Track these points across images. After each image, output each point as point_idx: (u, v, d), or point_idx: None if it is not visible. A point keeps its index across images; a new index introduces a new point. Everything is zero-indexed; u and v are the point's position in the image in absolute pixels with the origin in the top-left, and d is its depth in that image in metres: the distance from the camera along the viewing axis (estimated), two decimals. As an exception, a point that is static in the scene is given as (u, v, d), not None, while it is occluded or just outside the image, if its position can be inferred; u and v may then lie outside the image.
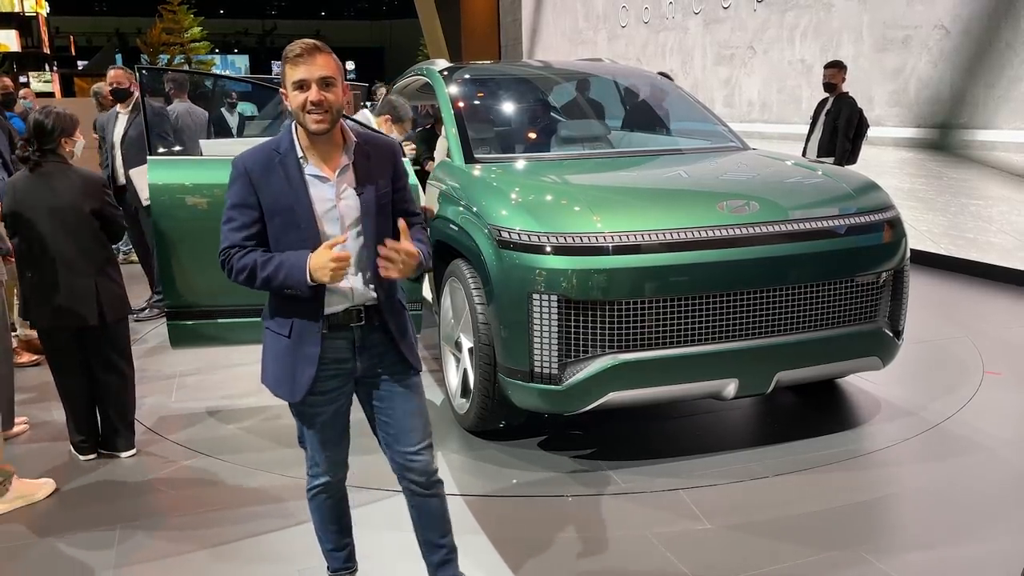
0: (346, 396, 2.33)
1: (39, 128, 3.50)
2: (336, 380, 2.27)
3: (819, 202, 3.67)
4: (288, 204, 2.14)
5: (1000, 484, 3.33)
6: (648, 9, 12.05)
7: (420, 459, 2.31)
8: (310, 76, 2.08)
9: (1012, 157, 6.58)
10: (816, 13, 8.57)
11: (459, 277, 3.73)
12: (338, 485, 2.45)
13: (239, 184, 2.19)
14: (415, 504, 2.38)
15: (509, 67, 6.49)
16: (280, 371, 2.25)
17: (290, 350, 2.22)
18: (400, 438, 2.30)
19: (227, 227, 2.21)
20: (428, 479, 2.33)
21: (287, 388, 2.24)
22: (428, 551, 2.43)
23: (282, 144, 2.19)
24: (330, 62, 2.12)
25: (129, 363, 3.77)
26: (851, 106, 6.86)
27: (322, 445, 2.35)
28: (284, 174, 2.16)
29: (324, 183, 2.17)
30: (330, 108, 2.11)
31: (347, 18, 53.21)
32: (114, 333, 3.65)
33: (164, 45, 33.10)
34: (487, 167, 4.09)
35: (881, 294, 3.67)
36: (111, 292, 3.60)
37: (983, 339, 5.11)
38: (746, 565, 2.76)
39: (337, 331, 2.22)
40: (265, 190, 2.16)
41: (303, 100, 2.09)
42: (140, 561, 2.89)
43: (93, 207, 3.53)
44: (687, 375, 3.39)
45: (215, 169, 4.01)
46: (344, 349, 2.24)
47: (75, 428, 3.70)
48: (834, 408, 4.14)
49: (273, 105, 10.47)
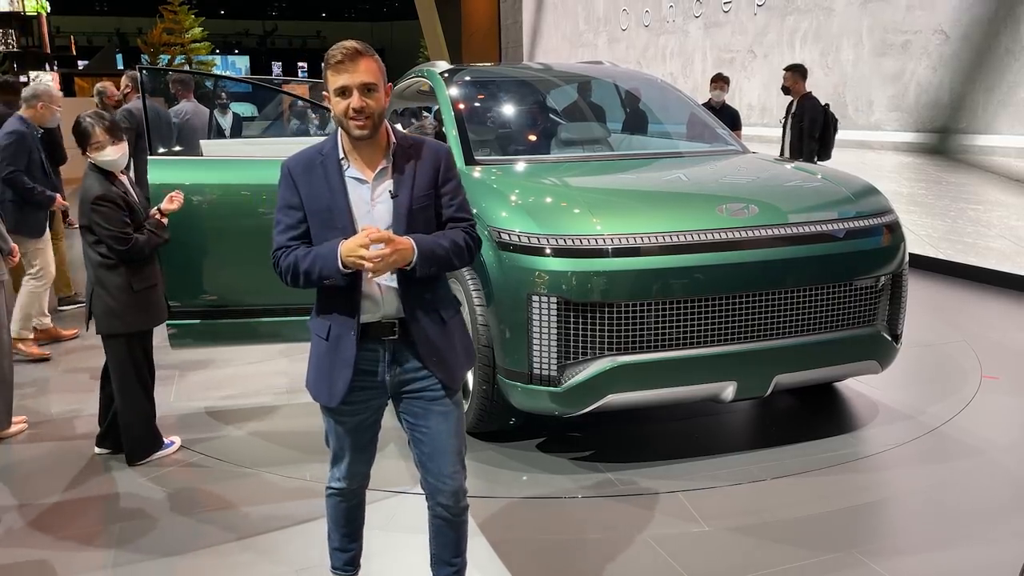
0: (372, 410, 2.29)
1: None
2: (364, 393, 2.23)
3: (818, 206, 3.69)
4: (326, 205, 2.13)
5: (997, 488, 3.34)
6: (649, 12, 12.07)
7: (453, 482, 2.27)
8: (351, 83, 2.06)
9: (1011, 162, 6.60)
10: (816, 17, 8.59)
11: (458, 278, 3.74)
12: (354, 493, 2.43)
13: (283, 186, 2.20)
14: (438, 525, 2.35)
15: (510, 69, 6.49)
16: (318, 374, 2.24)
17: (329, 354, 2.20)
18: (435, 458, 2.26)
19: (276, 230, 2.20)
20: (457, 504, 2.30)
21: (325, 392, 2.23)
22: (438, 565, 2.41)
23: (326, 146, 2.19)
24: (372, 67, 2.09)
25: (123, 377, 3.55)
26: (814, 107, 7.13)
27: (343, 452, 2.34)
28: (324, 175, 2.15)
29: (362, 185, 2.16)
30: (372, 114, 2.08)
31: (347, 19, 53.21)
32: (106, 346, 3.57)
33: (165, 45, 33.07)
34: (487, 169, 4.10)
35: (880, 298, 3.68)
36: (101, 306, 3.49)
37: (981, 343, 5.12)
38: (744, 567, 2.77)
39: (370, 341, 2.19)
40: (305, 190, 2.16)
41: (345, 107, 2.07)
42: (138, 560, 2.90)
43: (82, 223, 3.48)
44: (686, 377, 3.40)
45: (214, 169, 4.03)
46: (374, 362, 2.21)
47: (101, 419, 3.76)
48: (832, 411, 4.15)
49: (273, 106, 10.48)
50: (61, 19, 39.93)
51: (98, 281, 3.49)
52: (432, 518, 2.34)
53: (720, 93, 8.03)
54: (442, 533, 2.35)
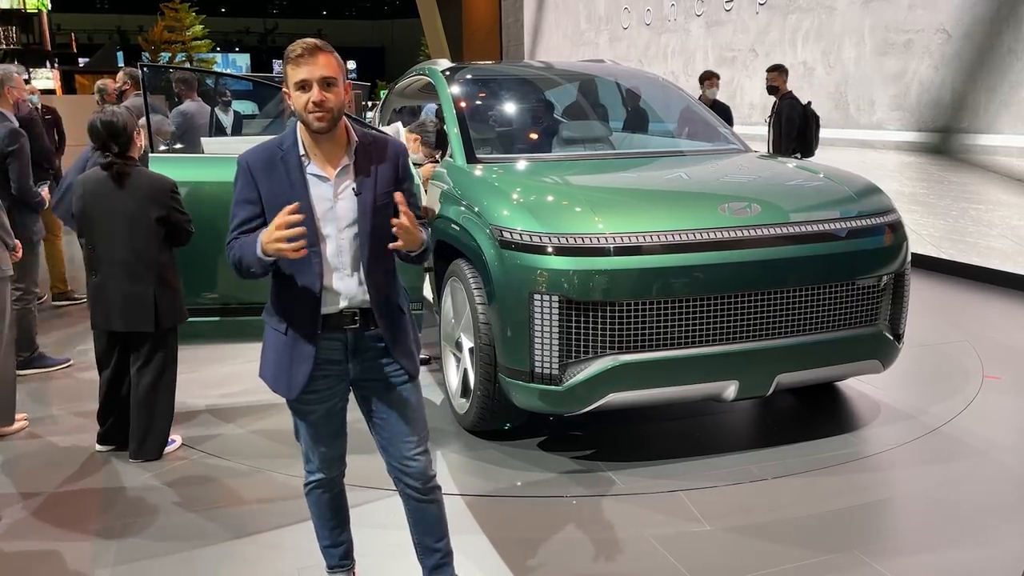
0: (339, 396, 2.32)
1: (110, 127, 3.46)
2: (328, 380, 2.26)
3: (820, 205, 3.68)
4: (287, 201, 2.13)
5: (999, 488, 3.33)
6: (650, 11, 12.05)
7: (415, 464, 2.31)
8: (311, 76, 2.09)
9: (1013, 162, 6.59)
10: (818, 16, 8.58)
11: (460, 277, 3.73)
12: (333, 481, 2.45)
13: (241, 180, 2.21)
14: (411, 508, 2.38)
15: (511, 67, 6.49)
16: (278, 367, 2.26)
17: (287, 346, 2.23)
18: (395, 442, 2.30)
19: (231, 225, 2.22)
20: (424, 484, 2.33)
21: (284, 384, 2.25)
22: (423, 554, 2.43)
23: (285, 141, 2.20)
24: (331, 62, 2.12)
25: (169, 370, 3.67)
26: (791, 106, 7.29)
27: (315, 442, 2.36)
28: (285, 171, 2.17)
29: (324, 182, 2.18)
30: (331, 108, 2.12)
31: (348, 17, 53.16)
32: (162, 339, 3.61)
33: (166, 43, 33.07)
34: (489, 167, 4.09)
35: (882, 297, 3.68)
36: (167, 300, 3.55)
37: (983, 343, 5.11)
38: (745, 567, 2.77)
39: (331, 332, 2.22)
40: (265, 186, 2.17)
41: (305, 100, 2.10)
42: (138, 559, 2.89)
43: (159, 214, 3.48)
44: (688, 377, 3.39)
45: (214, 167, 4.02)
46: (337, 351, 2.24)
47: (100, 419, 3.74)
48: (834, 411, 4.14)
49: (274, 104, 10.46)
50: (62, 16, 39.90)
51: (163, 276, 3.54)
52: (406, 502, 2.38)
53: (715, 91, 8.12)
54: (418, 516, 2.38)
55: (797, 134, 7.24)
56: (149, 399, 3.61)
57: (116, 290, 3.51)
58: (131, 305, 3.51)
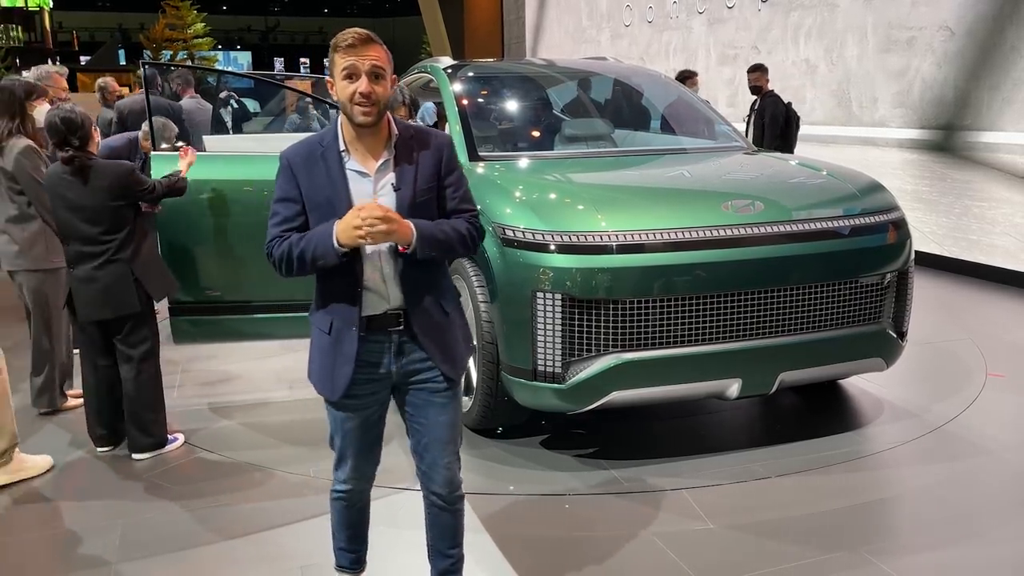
0: (379, 404, 2.27)
1: (69, 123, 3.48)
2: (371, 385, 2.21)
3: (823, 203, 3.67)
4: (327, 197, 2.10)
5: (1003, 486, 3.33)
6: (652, 8, 12.03)
7: (445, 472, 2.27)
8: (360, 66, 2.03)
9: (1016, 159, 6.57)
10: (820, 13, 8.56)
11: (463, 274, 3.72)
12: (360, 495, 2.41)
13: (282, 177, 2.17)
14: (432, 513, 2.35)
15: (513, 65, 6.48)
16: (322, 368, 2.22)
17: (331, 348, 2.18)
18: (430, 448, 2.26)
19: (271, 222, 2.17)
20: (450, 493, 2.30)
21: (328, 386, 2.21)
22: (435, 557, 2.41)
23: (326, 137, 2.16)
24: (382, 53, 2.07)
25: (154, 357, 3.67)
26: (774, 104, 7.37)
27: (348, 453, 2.32)
28: (325, 167, 2.12)
29: (364, 178, 2.13)
30: (378, 101, 2.05)
31: (350, 15, 53.18)
32: (142, 322, 3.60)
33: (167, 41, 33.09)
34: (491, 165, 4.08)
35: (885, 295, 3.67)
36: (149, 274, 3.57)
37: (986, 341, 5.10)
38: (749, 565, 2.76)
39: (374, 334, 2.17)
40: (306, 182, 2.13)
41: (351, 91, 2.03)
42: (142, 557, 2.89)
43: (125, 202, 3.51)
44: (691, 375, 3.39)
45: (217, 165, 4.02)
46: (380, 353, 2.19)
47: (95, 421, 3.72)
48: (837, 409, 4.14)
49: (276, 102, 10.46)
50: (63, 15, 39.93)
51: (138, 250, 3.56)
52: (427, 507, 2.35)
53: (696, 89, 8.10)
54: (437, 522, 2.36)
55: (780, 132, 7.30)
56: (139, 390, 3.61)
57: (96, 280, 3.50)
58: (113, 290, 3.50)
